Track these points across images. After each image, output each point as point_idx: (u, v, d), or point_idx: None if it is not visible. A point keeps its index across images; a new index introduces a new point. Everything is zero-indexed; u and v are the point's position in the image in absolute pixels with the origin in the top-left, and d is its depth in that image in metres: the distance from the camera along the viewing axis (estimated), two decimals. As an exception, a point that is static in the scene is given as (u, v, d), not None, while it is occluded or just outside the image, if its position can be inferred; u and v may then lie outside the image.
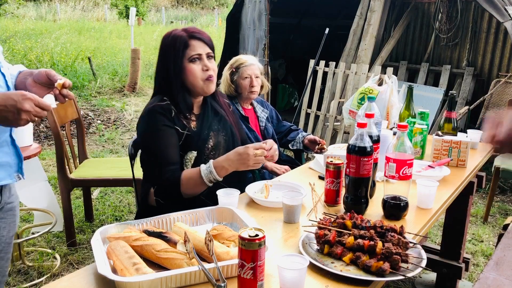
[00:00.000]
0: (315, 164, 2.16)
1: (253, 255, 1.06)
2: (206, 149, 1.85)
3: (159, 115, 1.77)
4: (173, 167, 1.76)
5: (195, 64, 1.80)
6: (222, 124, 1.94)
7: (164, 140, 1.76)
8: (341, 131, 4.84)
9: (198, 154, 1.82)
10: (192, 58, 1.80)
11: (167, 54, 1.82)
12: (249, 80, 2.55)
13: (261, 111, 2.70)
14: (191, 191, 1.74)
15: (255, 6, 6.08)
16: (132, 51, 7.94)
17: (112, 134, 5.85)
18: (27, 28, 13.43)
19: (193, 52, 1.80)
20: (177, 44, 1.79)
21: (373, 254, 1.24)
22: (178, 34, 1.81)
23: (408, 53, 5.94)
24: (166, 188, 1.76)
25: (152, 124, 1.77)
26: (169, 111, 1.79)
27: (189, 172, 1.75)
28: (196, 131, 1.84)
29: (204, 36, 1.83)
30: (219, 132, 1.91)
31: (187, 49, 1.79)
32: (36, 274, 2.69)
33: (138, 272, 1.15)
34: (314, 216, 1.58)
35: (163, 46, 1.84)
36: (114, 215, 3.55)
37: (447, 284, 2.63)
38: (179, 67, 1.80)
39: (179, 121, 1.81)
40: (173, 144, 1.78)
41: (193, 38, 1.81)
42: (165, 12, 23.48)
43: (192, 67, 1.80)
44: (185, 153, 1.82)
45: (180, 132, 1.80)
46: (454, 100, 2.34)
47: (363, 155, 1.50)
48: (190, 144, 1.82)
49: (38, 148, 2.62)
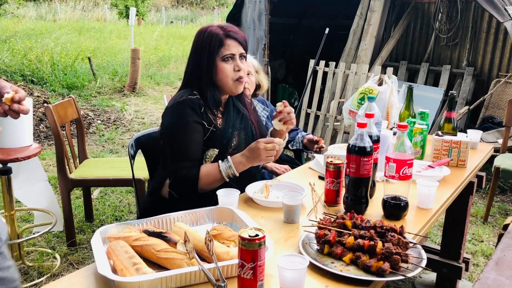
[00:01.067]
0: (315, 164, 2.16)
1: (253, 255, 1.06)
2: (229, 147, 1.86)
3: (188, 109, 1.76)
4: (190, 163, 1.76)
5: (227, 64, 1.79)
6: (244, 123, 1.95)
7: (189, 135, 1.76)
8: (341, 131, 4.84)
9: (220, 152, 1.83)
10: (225, 57, 1.79)
11: (201, 49, 1.80)
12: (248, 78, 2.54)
13: (261, 109, 2.70)
14: (208, 187, 1.76)
15: (255, 6, 6.08)
16: (132, 51, 7.94)
17: (112, 134, 5.85)
18: (27, 28, 13.42)
19: (227, 51, 1.78)
20: (213, 41, 1.77)
21: (373, 254, 1.24)
22: (215, 31, 1.79)
23: (408, 53, 5.94)
24: (182, 182, 1.76)
25: (180, 117, 1.76)
26: (199, 106, 1.78)
27: (208, 168, 1.76)
28: (221, 129, 1.84)
29: (239, 36, 1.82)
30: (241, 131, 1.93)
31: (222, 47, 1.78)
32: (36, 274, 2.69)
33: (138, 272, 1.15)
34: (314, 216, 1.58)
35: (198, 41, 1.81)
36: (114, 215, 3.55)
37: (447, 284, 2.63)
38: (212, 65, 1.79)
39: (207, 116, 1.81)
40: (197, 141, 1.78)
41: (229, 37, 1.79)
42: (165, 12, 23.47)
43: (224, 66, 1.79)
44: (207, 149, 1.82)
45: (206, 128, 1.80)
46: (454, 100, 2.34)
47: (363, 155, 1.50)
48: (214, 141, 1.82)
49: (38, 148, 2.62)
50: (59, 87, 7.52)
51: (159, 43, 13.63)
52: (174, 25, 20.73)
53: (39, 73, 7.78)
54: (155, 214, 1.49)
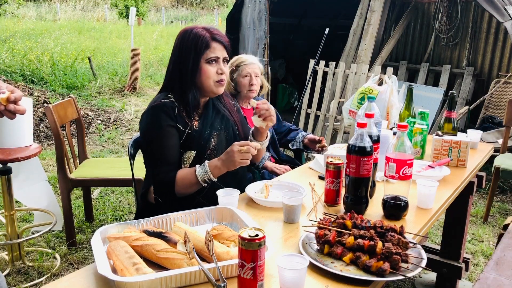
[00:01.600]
0: (315, 164, 2.16)
1: (253, 255, 1.06)
2: (207, 148, 1.85)
3: (162, 113, 1.77)
4: (168, 167, 1.76)
5: (211, 66, 1.80)
6: (225, 124, 1.93)
7: (164, 140, 1.77)
8: (341, 131, 4.84)
9: (197, 154, 1.82)
10: (210, 60, 1.80)
11: (186, 50, 1.79)
12: (248, 79, 2.55)
13: None
14: (185, 191, 1.76)
15: (255, 6, 6.08)
16: (132, 51, 7.94)
17: (112, 134, 5.85)
18: (27, 28, 13.41)
19: (213, 54, 1.79)
20: (199, 43, 1.77)
21: (373, 254, 1.24)
22: (200, 32, 1.79)
23: (408, 53, 5.94)
24: (160, 187, 1.78)
25: (154, 122, 1.77)
26: (172, 109, 1.79)
27: (184, 172, 1.76)
28: (198, 130, 1.84)
29: (224, 40, 1.84)
30: (221, 132, 1.91)
31: (207, 49, 1.79)
32: (36, 274, 2.69)
33: (138, 272, 1.15)
34: (314, 216, 1.58)
35: (183, 41, 1.81)
36: (114, 215, 3.55)
37: (447, 284, 2.63)
38: (196, 66, 1.79)
39: (182, 119, 1.81)
40: (172, 144, 1.78)
41: (215, 40, 1.80)
42: (165, 12, 23.48)
43: (208, 68, 1.79)
44: (185, 151, 1.82)
45: (181, 131, 1.80)
46: (454, 100, 2.34)
47: (363, 155, 1.50)
48: (191, 143, 1.82)
49: (38, 148, 2.62)
50: (59, 87, 7.52)
51: (159, 43, 13.63)
52: (174, 25, 20.72)
53: (39, 73, 7.78)
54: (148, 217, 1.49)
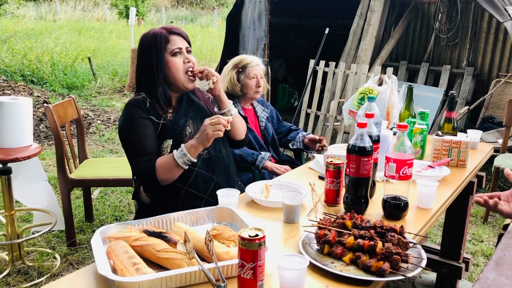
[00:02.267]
0: (315, 164, 2.16)
1: (253, 255, 1.06)
2: (184, 136, 1.87)
3: (134, 107, 1.83)
4: (148, 157, 1.79)
5: (176, 58, 1.85)
6: (201, 113, 1.96)
7: (139, 131, 1.81)
8: (341, 131, 4.84)
9: (175, 142, 1.85)
10: (173, 52, 1.85)
11: (148, 50, 1.86)
12: (255, 80, 2.56)
13: (261, 110, 2.70)
14: (167, 176, 1.78)
15: (255, 6, 6.08)
16: (132, 51, 7.94)
17: (112, 134, 5.85)
18: (27, 28, 13.42)
19: (174, 46, 1.85)
20: (158, 40, 1.84)
21: (373, 254, 1.24)
22: (157, 31, 1.87)
23: (408, 53, 5.94)
24: (142, 177, 1.81)
25: (127, 116, 1.84)
26: (144, 103, 1.84)
27: (162, 159, 1.79)
28: (172, 120, 1.88)
29: (182, 32, 1.90)
30: (197, 121, 1.93)
31: (168, 43, 1.85)
32: (36, 274, 2.69)
33: (138, 272, 1.15)
34: (314, 216, 1.58)
35: (144, 44, 1.88)
36: (114, 215, 3.55)
37: (447, 284, 2.63)
38: (161, 62, 1.84)
39: (154, 111, 1.85)
40: (149, 134, 1.82)
41: (172, 34, 1.87)
42: (165, 12, 23.47)
43: (174, 60, 1.85)
44: (162, 142, 1.86)
45: (156, 122, 1.84)
46: (454, 100, 2.34)
47: (363, 155, 1.50)
48: (166, 133, 1.85)
49: (38, 148, 2.62)
50: (59, 87, 7.53)
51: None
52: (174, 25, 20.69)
53: (39, 73, 7.78)
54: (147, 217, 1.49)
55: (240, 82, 2.56)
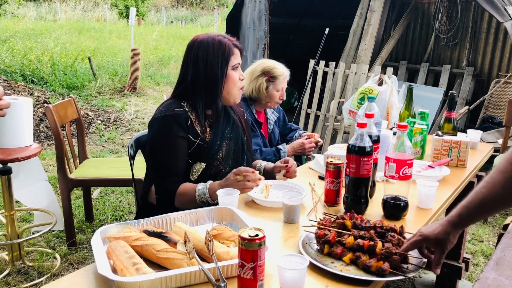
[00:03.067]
0: (315, 164, 2.16)
1: (253, 255, 1.06)
2: (215, 160, 1.84)
3: (174, 123, 1.75)
4: (174, 178, 1.77)
5: (236, 72, 1.83)
6: (234, 133, 1.93)
7: (172, 151, 1.76)
8: (341, 131, 4.84)
9: (206, 166, 1.82)
10: (235, 66, 1.83)
11: (213, 57, 1.78)
12: (280, 93, 2.54)
13: (271, 113, 2.69)
14: (183, 206, 1.74)
15: (255, 6, 6.09)
16: (132, 51, 7.94)
17: (112, 134, 5.85)
18: (27, 28, 13.42)
19: (236, 61, 1.83)
20: (226, 50, 1.78)
21: (373, 254, 1.24)
22: (224, 40, 1.80)
23: (408, 53, 5.94)
24: (161, 196, 1.78)
25: (165, 131, 1.76)
26: (186, 119, 1.78)
27: (185, 188, 1.76)
28: (209, 142, 1.83)
29: (240, 47, 1.87)
30: (230, 141, 1.90)
31: (231, 56, 1.81)
32: (36, 274, 2.69)
33: (138, 272, 1.15)
34: (314, 216, 1.58)
35: (209, 50, 1.78)
36: (114, 215, 3.55)
37: (447, 284, 2.62)
38: (224, 74, 1.79)
39: (193, 129, 1.80)
40: (180, 156, 1.78)
41: (236, 47, 1.84)
42: (165, 12, 23.47)
43: (234, 75, 1.82)
44: (194, 163, 1.82)
45: (191, 141, 1.79)
46: (454, 100, 2.34)
47: (363, 155, 1.50)
48: (201, 154, 1.81)
49: (38, 148, 2.62)
50: (59, 87, 7.52)
51: (159, 43, 13.63)
52: (174, 25, 20.72)
53: (39, 73, 7.78)
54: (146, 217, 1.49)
55: (268, 92, 2.51)
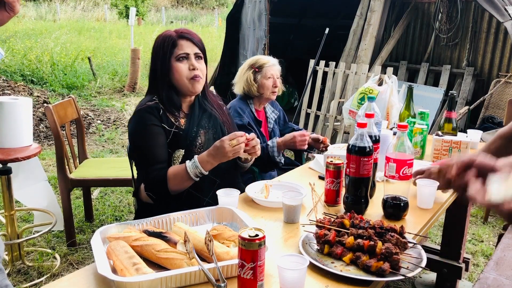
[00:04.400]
0: (315, 164, 2.16)
1: (253, 255, 1.06)
2: (194, 146, 1.86)
3: (147, 114, 1.80)
4: (159, 166, 1.78)
5: (182, 63, 1.83)
6: (212, 122, 1.95)
7: (151, 139, 1.79)
8: (341, 131, 4.84)
9: (186, 152, 1.84)
10: (179, 57, 1.83)
11: (156, 53, 1.86)
12: (272, 81, 2.55)
13: (271, 111, 2.69)
14: (178, 187, 1.77)
15: (255, 6, 6.09)
16: (132, 51, 7.94)
17: (112, 134, 5.85)
18: (27, 28, 13.42)
19: (181, 51, 1.83)
20: (166, 43, 1.83)
21: (373, 254, 1.24)
22: (168, 34, 1.85)
23: (408, 53, 5.94)
24: (153, 186, 1.78)
25: (140, 123, 1.81)
26: (157, 109, 1.82)
27: (175, 169, 1.77)
28: (184, 129, 1.86)
29: (193, 37, 1.86)
30: (208, 130, 1.92)
31: (175, 48, 1.83)
32: (36, 274, 2.69)
33: (138, 272, 1.15)
34: (314, 216, 1.58)
35: (154, 46, 1.88)
36: (114, 215, 3.55)
37: (447, 284, 2.62)
38: (166, 66, 1.83)
39: (167, 119, 1.83)
40: (160, 143, 1.80)
41: (181, 38, 1.84)
42: (165, 12, 23.47)
43: (178, 66, 1.83)
44: (173, 151, 1.84)
45: (167, 130, 1.82)
46: (454, 100, 2.34)
47: (363, 155, 1.50)
48: (178, 142, 1.84)
49: (38, 148, 2.62)
50: (59, 87, 7.52)
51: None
52: (174, 25, 20.72)
53: (39, 73, 7.78)
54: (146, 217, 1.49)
55: (257, 82, 2.53)
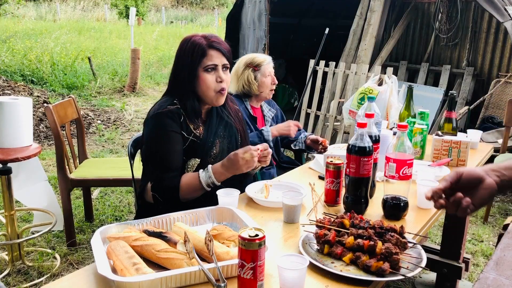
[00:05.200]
0: (315, 164, 2.16)
1: (253, 255, 1.06)
2: (209, 156, 1.85)
3: (167, 119, 1.76)
4: (173, 173, 1.76)
5: (209, 74, 1.78)
6: (228, 131, 1.93)
7: (169, 146, 1.76)
8: (341, 131, 4.84)
9: (201, 162, 1.83)
10: (207, 68, 1.78)
11: (183, 59, 1.80)
12: (270, 78, 2.55)
13: (267, 110, 2.70)
14: (189, 196, 1.76)
15: (255, 6, 6.09)
16: (132, 51, 7.94)
17: (112, 134, 5.85)
18: (27, 28, 13.42)
19: (210, 62, 1.78)
20: (195, 51, 1.77)
21: (373, 254, 1.24)
22: (198, 41, 1.79)
23: (408, 53, 5.94)
24: (165, 193, 1.77)
25: (159, 127, 1.77)
26: (178, 115, 1.78)
27: (188, 178, 1.76)
28: (202, 138, 1.83)
29: (223, 47, 1.81)
30: (223, 140, 1.91)
31: (204, 58, 1.77)
32: (36, 274, 2.69)
33: (138, 272, 1.15)
34: (314, 216, 1.58)
35: (181, 50, 1.81)
36: (114, 215, 3.55)
37: (447, 284, 2.62)
38: (193, 75, 1.78)
39: (187, 126, 1.81)
40: (177, 150, 1.78)
41: (211, 48, 1.78)
42: (165, 12, 23.47)
43: (206, 77, 1.78)
44: (188, 159, 1.82)
45: (185, 137, 1.80)
46: (454, 100, 2.34)
47: (363, 155, 1.50)
48: (195, 150, 1.82)
49: (38, 148, 2.62)
50: (59, 87, 7.53)
51: (159, 43, 13.63)
52: (174, 25, 20.72)
53: (39, 73, 7.78)
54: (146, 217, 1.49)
55: (257, 81, 2.54)
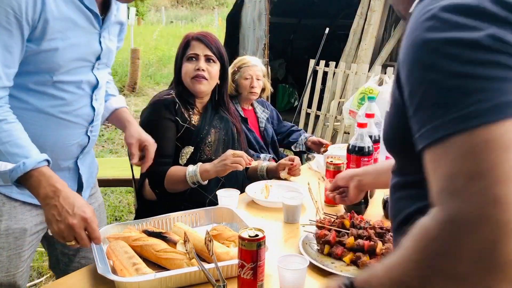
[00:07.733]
0: (315, 164, 2.16)
1: (253, 255, 1.06)
2: (203, 144, 1.88)
3: (162, 107, 1.85)
4: (164, 159, 1.78)
5: (190, 63, 1.87)
6: (224, 124, 1.97)
7: (161, 132, 1.80)
8: (341, 131, 4.83)
9: (195, 149, 1.86)
10: (188, 57, 1.87)
11: (177, 51, 1.96)
12: (249, 81, 2.54)
13: (261, 111, 2.69)
14: (173, 187, 1.78)
15: (255, 6, 6.09)
16: (131, 51, 7.93)
17: (112, 134, 5.85)
18: (27, 28, 13.41)
19: (191, 51, 1.88)
20: (183, 43, 1.91)
21: (373, 254, 1.24)
22: (188, 35, 1.94)
23: (408, 53, 5.93)
24: (152, 177, 1.80)
25: (154, 115, 1.85)
26: (174, 103, 1.86)
27: (176, 169, 1.78)
28: (197, 126, 1.89)
29: (207, 39, 1.89)
30: (220, 130, 1.95)
31: (187, 48, 1.89)
32: (36, 274, 2.68)
33: (138, 272, 1.15)
34: (314, 216, 1.58)
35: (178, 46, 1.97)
36: (114, 215, 3.55)
37: (447, 284, 2.62)
38: (178, 64, 1.92)
39: (182, 113, 1.86)
40: (169, 137, 1.82)
41: (195, 39, 1.89)
42: (165, 12, 23.46)
43: (185, 65, 1.89)
44: (183, 147, 1.85)
45: (180, 124, 1.85)
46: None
47: (363, 155, 1.50)
48: (189, 138, 1.85)
49: (38, 148, 2.61)
50: (59, 87, 7.52)
51: (159, 43, 13.62)
52: (174, 25, 20.71)
53: (39, 73, 7.76)
54: (146, 217, 1.49)
55: (235, 82, 2.55)
